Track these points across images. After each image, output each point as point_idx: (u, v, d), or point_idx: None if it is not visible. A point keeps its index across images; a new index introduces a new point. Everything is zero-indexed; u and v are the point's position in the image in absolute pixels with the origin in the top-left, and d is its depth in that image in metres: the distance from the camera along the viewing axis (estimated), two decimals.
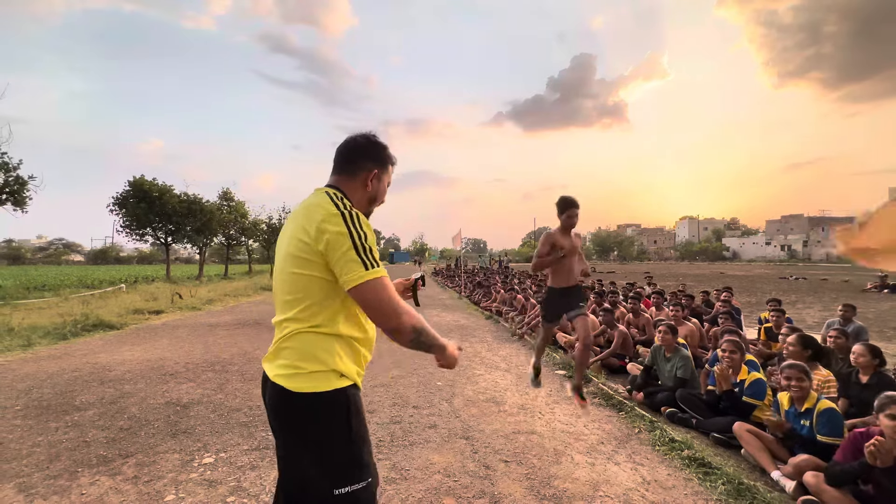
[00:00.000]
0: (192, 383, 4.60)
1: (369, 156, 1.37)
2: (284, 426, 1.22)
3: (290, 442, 1.22)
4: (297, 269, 1.21)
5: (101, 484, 2.58)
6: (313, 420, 1.17)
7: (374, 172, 1.37)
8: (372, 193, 1.39)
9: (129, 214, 21.46)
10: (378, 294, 1.16)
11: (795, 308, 11.76)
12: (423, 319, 1.25)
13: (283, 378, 1.19)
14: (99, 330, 8.09)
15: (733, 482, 2.55)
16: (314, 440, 1.17)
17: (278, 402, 1.21)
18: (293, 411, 1.19)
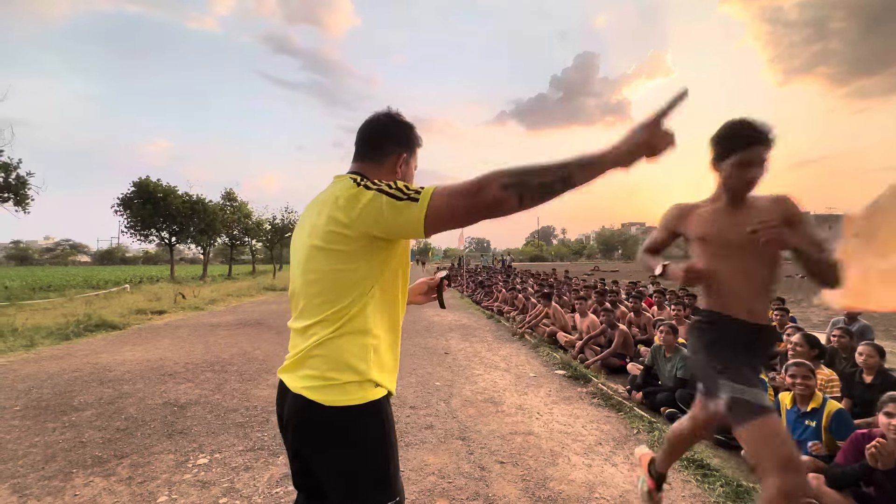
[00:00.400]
0: (190, 383, 4.61)
1: (396, 138, 1.21)
2: (312, 444, 1.08)
3: (318, 461, 1.09)
4: (331, 265, 1.05)
5: (94, 485, 2.58)
6: (347, 436, 1.05)
7: (403, 156, 1.21)
8: (401, 179, 1.19)
9: (133, 215, 21.62)
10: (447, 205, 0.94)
11: (801, 307, 11.64)
12: (512, 167, 0.96)
13: (311, 390, 1.04)
14: (101, 330, 8.14)
15: (732, 484, 2.51)
16: (346, 458, 1.05)
17: (305, 418, 1.07)
18: (323, 427, 1.05)
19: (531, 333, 7.39)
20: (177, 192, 22.78)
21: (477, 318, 9.83)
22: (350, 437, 1.05)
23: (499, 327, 8.48)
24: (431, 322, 9.02)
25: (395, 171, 1.20)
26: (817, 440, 2.64)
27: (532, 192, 0.93)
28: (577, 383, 4.69)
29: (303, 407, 1.06)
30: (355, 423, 1.05)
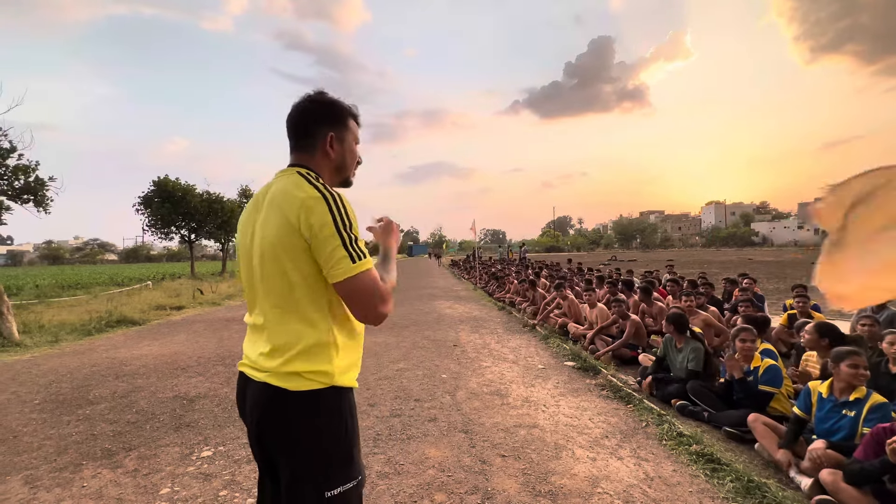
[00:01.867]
0: (201, 377, 4.69)
1: (321, 119, 1.20)
2: (275, 427, 1.11)
3: (282, 444, 1.11)
4: (285, 264, 1.09)
5: (102, 477, 2.64)
6: (308, 418, 1.09)
7: (331, 136, 1.20)
8: (337, 161, 1.22)
9: (154, 213, 22.18)
10: (365, 288, 1.07)
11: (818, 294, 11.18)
12: (391, 281, 1.19)
13: (276, 377, 1.09)
14: (122, 326, 8.39)
15: (742, 479, 2.40)
16: (308, 440, 1.09)
17: (268, 403, 1.11)
18: (286, 411, 1.09)
19: (542, 325, 7.29)
20: (195, 190, 23.25)
21: (488, 309, 9.77)
22: (311, 418, 1.09)
23: (510, 319, 8.40)
24: (442, 314, 9.00)
25: (328, 154, 1.20)
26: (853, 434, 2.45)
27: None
28: (586, 375, 4.59)
29: (268, 394, 1.10)
30: (317, 406, 1.09)
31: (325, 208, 1.05)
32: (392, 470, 2.65)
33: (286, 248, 1.08)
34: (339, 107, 1.22)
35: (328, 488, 1.07)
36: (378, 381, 4.43)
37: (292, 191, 1.08)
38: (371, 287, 1.08)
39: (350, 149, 1.24)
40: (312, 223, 1.04)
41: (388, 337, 6.70)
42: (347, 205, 1.10)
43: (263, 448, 1.17)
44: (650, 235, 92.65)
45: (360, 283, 1.06)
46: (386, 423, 3.37)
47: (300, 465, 1.09)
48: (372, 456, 2.83)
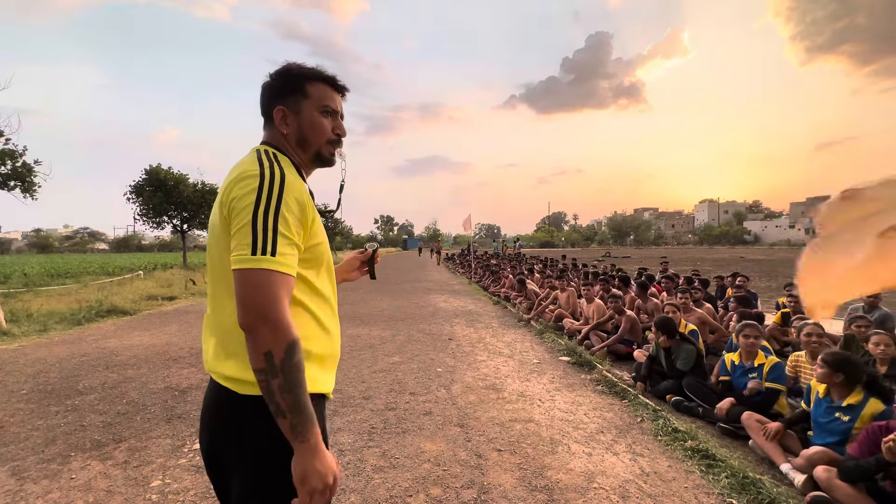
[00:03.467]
0: (193, 368, 4.63)
1: (273, 94, 1.09)
2: (220, 431, 1.01)
3: (230, 453, 0.99)
4: (220, 244, 0.97)
5: (91, 468, 2.59)
6: (258, 425, 0.94)
7: (280, 109, 1.07)
8: (294, 136, 1.08)
9: (145, 202, 21.88)
10: (250, 290, 0.86)
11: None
12: (299, 359, 0.88)
13: (233, 382, 0.96)
14: (112, 316, 8.27)
15: (737, 475, 2.41)
16: (258, 449, 0.96)
17: (218, 406, 1.01)
18: (234, 413, 0.97)
19: (537, 319, 7.30)
20: (188, 179, 22.94)
21: (483, 303, 9.76)
22: (264, 426, 0.93)
23: (505, 313, 8.40)
24: (437, 308, 8.98)
25: (284, 129, 1.07)
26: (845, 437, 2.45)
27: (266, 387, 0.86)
28: (581, 370, 4.60)
29: (221, 396, 0.99)
30: (262, 413, 0.91)
31: (254, 186, 0.91)
32: (387, 463, 2.63)
33: (216, 229, 0.99)
34: (291, 76, 1.08)
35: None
36: (373, 373, 4.40)
37: (235, 167, 0.99)
38: (259, 293, 0.86)
39: (309, 120, 1.07)
40: (233, 198, 0.92)
41: (382, 330, 6.67)
42: (289, 191, 0.93)
43: (212, 459, 1.04)
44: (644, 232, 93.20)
45: (250, 279, 0.86)
46: (381, 416, 3.35)
47: (248, 481, 0.96)
48: (367, 449, 2.81)
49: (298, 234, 0.94)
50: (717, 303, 6.89)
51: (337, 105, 1.12)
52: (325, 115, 1.09)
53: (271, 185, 0.92)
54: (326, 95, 1.10)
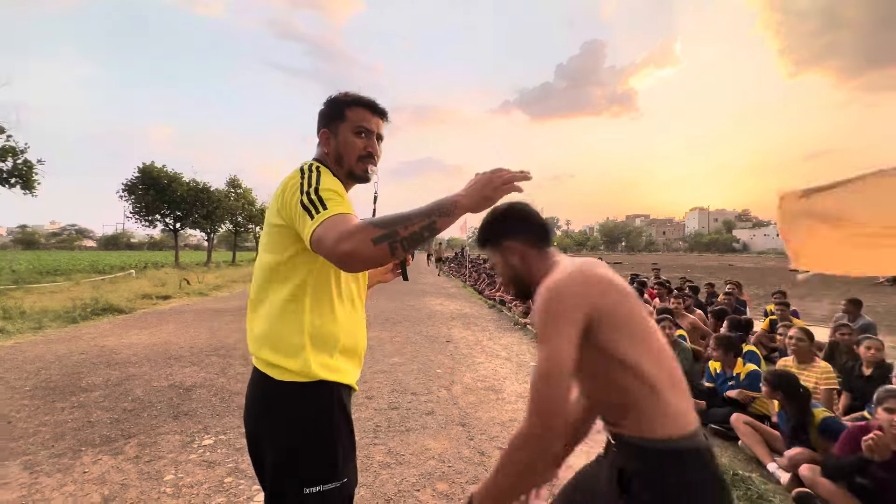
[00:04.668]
0: (195, 367, 4.68)
1: (321, 120, 1.26)
2: (259, 413, 1.15)
3: (266, 433, 1.13)
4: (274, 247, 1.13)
5: (103, 463, 2.64)
6: (293, 410, 1.09)
7: (324, 132, 1.24)
8: (333, 154, 1.23)
9: (138, 201, 21.73)
10: (325, 234, 0.97)
11: (805, 301, 11.61)
12: (388, 217, 1.00)
13: (272, 368, 1.11)
14: (108, 314, 8.24)
15: (727, 473, 2.54)
16: (288, 433, 1.09)
17: (256, 388, 1.16)
18: (272, 398, 1.11)
19: (531, 324, 7.42)
20: (181, 178, 22.82)
21: (479, 306, 9.87)
22: (296, 411, 1.09)
23: (501, 316, 8.52)
24: (434, 311, 9.08)
25: (326, 149, 1.24)
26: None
27: (403, 243, 0.97)
28: None
29: (262, 380, 1.13)
30: (301, 399, 1.09)
31: (297, 180, 1.08)
32: (393, 460, 2.72)
33: (271, 228, 1.14)
34: (336, 103, 1.24)
35: (308, 485, 1.06)
36: (374, 374, 4.48)
37: (285, 180, 1.13)
38: (332, 229, 0.96)
39: (345, 140, 1.21)
40: (285, 201, 1.07)
41: (380, 332, 6.75)
42: (324, 177, 1.09)
43: (253, 438, 1.17)
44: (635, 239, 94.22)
45: (320, 232, 0.97)
46: (384, 415, 3.44)
47: (280, 457, 1.09)
48: (373, 447, 2.90)
49: (340, 199, 1.06)
50: (707, 309, 7.08)
51: (372, 126, 1.24)
52: (358, 136, 1.22)
53: (309, 177, 1.08)
54: (363, 118, 1.22)
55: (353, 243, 0.94)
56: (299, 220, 1.03)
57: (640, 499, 0.93)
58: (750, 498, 2.33)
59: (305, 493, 1.06)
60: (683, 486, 0.91)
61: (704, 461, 0.93)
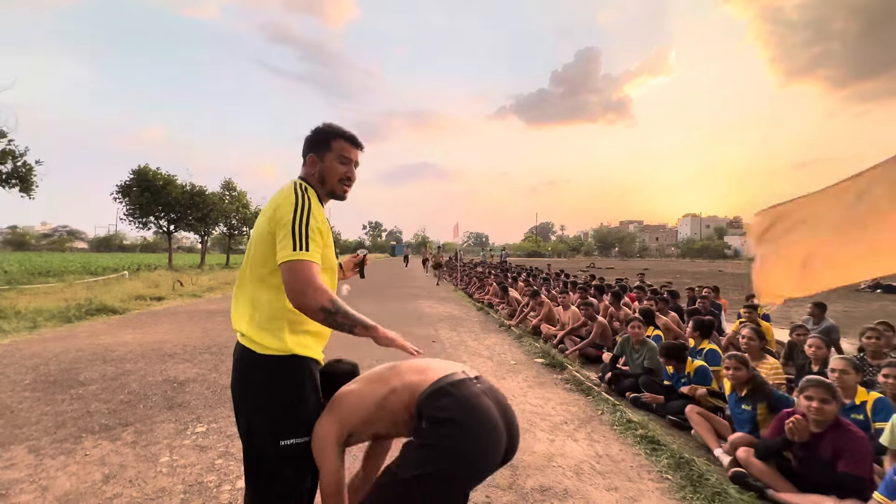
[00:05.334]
0: (189, 363, 4.88)
1: (309, 145, 1.53)
2: (244, 379, 1.41)
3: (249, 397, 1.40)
4: (261, 247, 1.39)
5: (102, 447, 2.86)
6: (272, 377, 1.36)
7: (312, 157, 1.51)
8: (317, 176, 1.51)
9: (132, 203, 21.78)
10: (297, 275, 1.27)
11: (785, 305, 11.95)
12: (340, 303, 1.31)
13: (257, 345, 1.37)
14: (102, 314, 8.40)
15: (675, 456, 2.80)
16: (269, 395, 1.36)
17: (241, 359, 1.41)
18: (255, 367, 1.37)
19: (518, 326, 7.68)
20: (176, 181, 22.92)
21: (468, 309, 10.12)
22: (273, 378, 1.36)
23: (487, 318, 8.77)
24: (423, 313, 9.31)
25: (312, 170, 1.52)
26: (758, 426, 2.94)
27: (332, 324, 1.31)
28: (553, 370, 4.98)
29: (244, 352, 1.41)
30: (278, 368, 1.37)
31: (290, 207, 1.34)
32: None
33: (262, 237, 1.39)
34: (323, 133, 1.52)
35: (284, 438, 1.34)
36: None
37: (278, 194, 1.43)
38: (303, 275, 1.27)
39: (330, 166, 1.50)
40: (278, 216, 1.34)
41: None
42: (315, 207, 1.38)
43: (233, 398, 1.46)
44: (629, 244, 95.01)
45: (291, 269, 1.27)
46: None
47: (260, 417, 1.37)
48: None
49: (319, 242, 1.36)
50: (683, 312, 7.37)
51: (352, 156, 1.55)
52: (341, 164, 1.52)
53: (303, 207, 1.37)
54: (345, 149, 1.52)
55: (311, 300, 1.27)
56: (282, 239, 1.31)
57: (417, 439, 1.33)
58: (691, 478, 2.58)
59: (281, 444, 1.33)
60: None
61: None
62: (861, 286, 17.38)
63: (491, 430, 1.28)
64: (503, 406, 1.38)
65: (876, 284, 16.94)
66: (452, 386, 1.33)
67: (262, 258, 1.39)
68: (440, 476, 1.22)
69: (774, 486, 2.45)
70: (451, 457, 1.23)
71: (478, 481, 1.33)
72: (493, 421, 1.30)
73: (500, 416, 1.33)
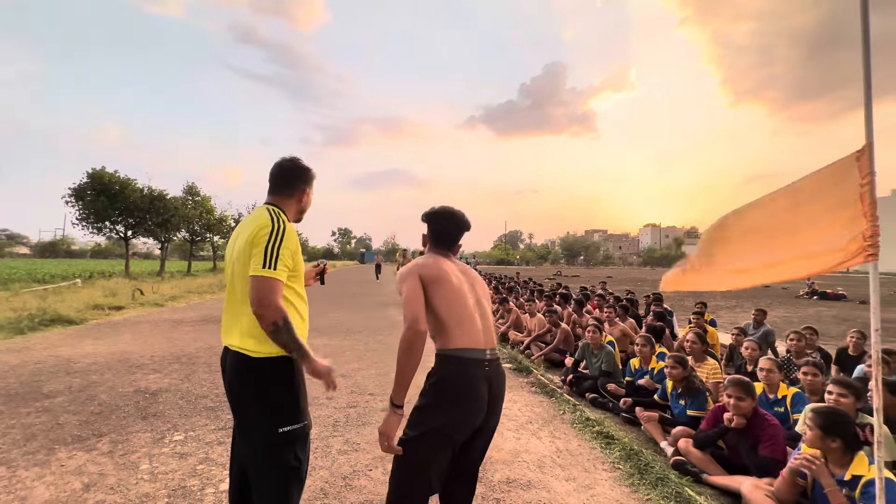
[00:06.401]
0: (158, 374, 4.84)
1: (300, 178, 1.80)
2: (241, 382, 1.61)
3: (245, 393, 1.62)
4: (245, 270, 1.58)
5: (78, 458, 2.87)
6: (265, 375, 1.58)
7: (305, 190, 1.80)
8: (304, 206, 1.84)
9: (86, 207, 20.68)
10: (260, 289, 1.49)
11: (734, 312, 12.89)
12: (291, 325, 1.53)
13: (248, 350, 1.57)
14: (57, 325, 8.04)
15: (626, 449, 3.13)
16: (261, 390, 1.58)
17: (237, 365, 1.60)
18: (250, 370, 1.58)
19: None
20: (134, 184, 21.98)
21: None
22: (267, 375, 1.58)
23: None
24: (394, 321, 9.44)
25: (301, 201, 1.82)
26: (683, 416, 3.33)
27: (276, 339, 1.53)
28: (520, 374, 5.28)
29: (237, 358, 1.61)
30: (270, 367, 1.59)
31: (268, 231, 1.57)
32: (350, 448, 3.11)
33: (244, 256, 1.59)
34: (311, 172, 1.84)
35: (281, 425, 1.57)
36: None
37: (256, 218, 1.63)
38: (265, 290, 1.49)
39: (309, 200, 1.86)
40: (259, 236, 1.56)
41: (342, 340, 7.06)
42: (288, 235, 1.60)
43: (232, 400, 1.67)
44: (594, 253, 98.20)
45: (257, 282, 1.50)
46: (343, 412, 3.81)
47: (257, 410, 1.59)
48: (332, 438, 3.27)
49: (289, 262, 1.62)
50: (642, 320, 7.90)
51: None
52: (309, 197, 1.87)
53: (279, 231, 1.60)
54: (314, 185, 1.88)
55: (266, 312, 1.49)
56: (255, 256, 1.54)
57: (428, 382, 1.72)
58: (639, 467, 2.90)
59: (279, 431, 1.56)
60: (443, 374, 1.68)
61: (460, 362, 1.67)
62: (801, 293, 18.91)
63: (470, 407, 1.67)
64: (495, 395, 1.75)
65: (812, 291, 18.48)
66: (465, 362, 1.67)
67: (245, 275, 1.59)
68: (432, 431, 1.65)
69: (708, 471, 2.80)
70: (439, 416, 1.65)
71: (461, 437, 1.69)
72: (478, 404, 1.68)
73: (487, 402, 1.70)
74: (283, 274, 1.56)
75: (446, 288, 1.72)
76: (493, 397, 1.74)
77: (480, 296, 1.86)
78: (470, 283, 1.85)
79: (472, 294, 1.81)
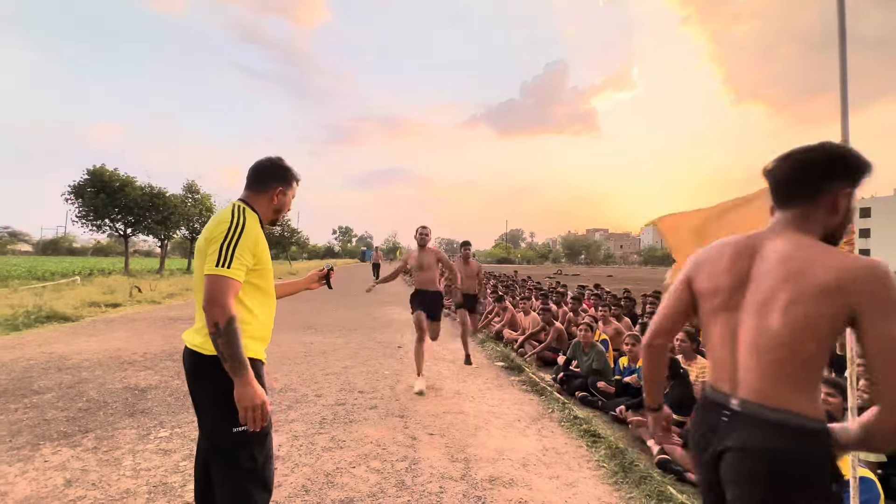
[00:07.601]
0: (150, 371, 4.85)
1: (276, 176, 1.73)
2: (195, 379, 1.60)
3: (202, 390, 1.59)
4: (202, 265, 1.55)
5: (62, 454, 2.87)
6: (219, 373, 1.48)
7: (280, 189, 1.73)
8: (277, 206, 1.75)
9: (86, 204, 20.72)
10: (211, 287, 1.45)
11: None
12: (234, 331, 1.43)
13: (201, 348, 1.54)
14: (53, 322, 8.06)
15: (612, 447, 3.12)
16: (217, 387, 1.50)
17: (193, 362, 1.58)
18: (204, 367, 1.54)
19: (482, 330, 7.96)
20: (134, 182, 22.01)
21: None
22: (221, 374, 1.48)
23: (454, 324, 9.00)
24: (391, 319, 9.46)
25: (274, 199, 1.74)
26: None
27: (214, 342, 1.44)
28: (512, 373, 5.27)
29: (194, 356, 1.58)
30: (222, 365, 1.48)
31: (225, 228, 1.52)
32: (335, 445, 3.11)
33: (203, 252, 1.55)
34: (291, 172, 1.77)
35: (236, 425, 1.49)
36: (325, 376, 4.83)
37: (218, 215, 1.60)
38: (216, 288, 1.44)
39: (287, 201, 1.78)
40: (215, 233, 1.53)
41: (336, 338, 7.06)
42: (247, 231, 1.54)
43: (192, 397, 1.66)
44: (595, 252, 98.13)
45: (210, 280, 1.46)
46: (331, 409, 3.81)
47: (213, 407, 1.56)
48: (318, 435, 3.27)
49: (248, 259, 1.55)
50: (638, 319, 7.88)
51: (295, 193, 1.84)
52: (291, 199, 1.81)
53: (236, 228, 1.55)
54: (294, 190, 1.81)
55: (213, 311, 1.43)
56: (212, 254, 1.50)
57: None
58: (623, 465, 2.89)
59: (234, 431, 1.52)
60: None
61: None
62: None
63: None
64: None
65: None
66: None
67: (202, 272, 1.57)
68: None
69: (693, 470, 2.79)
70: None
71: None
72: None
73: None
74: (240, 272, 1.50)
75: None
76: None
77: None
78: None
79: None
